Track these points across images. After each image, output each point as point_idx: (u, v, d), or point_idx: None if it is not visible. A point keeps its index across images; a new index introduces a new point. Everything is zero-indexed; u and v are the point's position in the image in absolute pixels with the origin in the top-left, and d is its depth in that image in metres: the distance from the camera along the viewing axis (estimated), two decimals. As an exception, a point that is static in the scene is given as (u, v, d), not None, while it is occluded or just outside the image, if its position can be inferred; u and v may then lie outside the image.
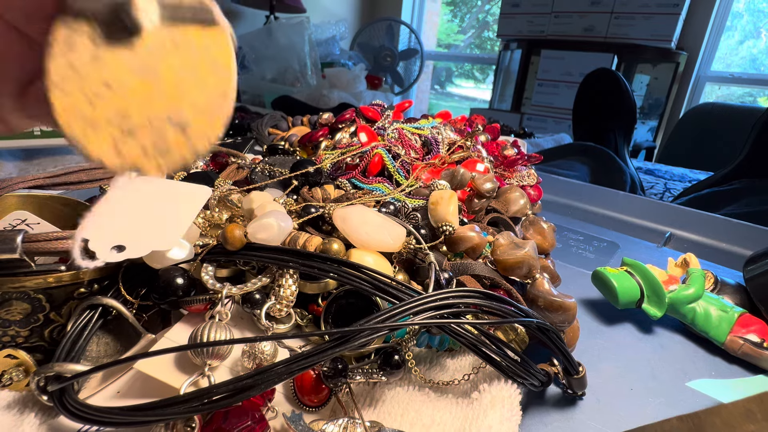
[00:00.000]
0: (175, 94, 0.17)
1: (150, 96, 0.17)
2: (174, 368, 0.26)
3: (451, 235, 0.36)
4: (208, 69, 0.18)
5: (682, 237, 0.70)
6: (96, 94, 0.16)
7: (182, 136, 0.17)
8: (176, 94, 0.17)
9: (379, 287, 0.27)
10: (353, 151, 0.48)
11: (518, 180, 0.57)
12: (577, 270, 0.54)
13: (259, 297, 0.30)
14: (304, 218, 0.35)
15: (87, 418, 0.23)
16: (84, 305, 0.28)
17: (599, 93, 1.44)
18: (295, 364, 0.23)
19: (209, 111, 0.18)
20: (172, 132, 0.17)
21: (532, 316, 0.29)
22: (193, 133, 0.17)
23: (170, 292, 0.29)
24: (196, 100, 0.18)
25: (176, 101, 0.17)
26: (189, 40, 0.18)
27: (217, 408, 0.23)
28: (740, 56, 2.27)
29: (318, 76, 1.92)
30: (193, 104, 0.18)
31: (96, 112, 0.16)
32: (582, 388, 0.33)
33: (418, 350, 0.34)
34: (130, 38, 0.17)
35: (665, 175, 1.44)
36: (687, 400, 0.35)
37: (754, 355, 0.38)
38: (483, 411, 0.28)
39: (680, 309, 0.41)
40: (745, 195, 0.95)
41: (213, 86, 0.18)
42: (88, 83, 0.16)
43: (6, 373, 0.27)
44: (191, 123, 0.17)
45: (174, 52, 0.17)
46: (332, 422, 0.26)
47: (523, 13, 2.30)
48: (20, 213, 0.32)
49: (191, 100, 0.18)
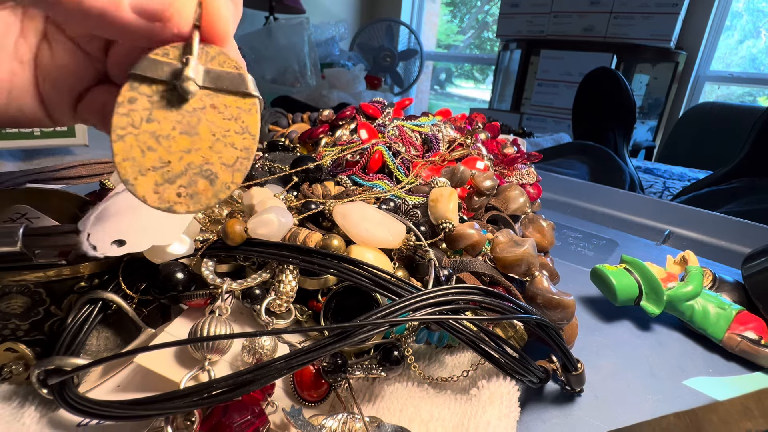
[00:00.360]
0: (209, 150, 0.21)
1: (188, 150, 0.20)
2: (174, 363, 0.26)
3: (451, 232, 0.36)
4: (238, 132, 0.21)
5: (681, 235, 0.70)
6: (148, 147, 0.20)
7: (209, 185, 0.20)
8: (209, 151, 0.21)
9: (378, 283, 0.27)
10: (353, 148, 0.48)
11: (518, 178, 0.57)
12: (576, 267, 0.55)
13: (259, 292, 0.30)
14: (305, 214, 0.35)
15: (87, 411, 0.23)
16: (84, 299, 0.28)
17: (599, 92, 1.44)
18: (294, 359, 0.23)
19: (233, 166, 0.21)
20: (202, 182, 0.20)
21: (532, 312, 0.30)
22: (218, 184, 0.21)
23: (170, 286, 0.29)
24: (224, 156, 0.21)
25: (208, 156, 0.21)
26: (225, 105, 0.21)
27: (217, 402, 0.23)
28: (740, 56, 2.27)
29: (317, 77, 1.92)
30: (221, 159, 0.21)
31: (145, 161, 0.20)
32: (580, 385, 0.33)
33: (417, 346, 0.34)
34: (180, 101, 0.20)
35: (664, 174, 1.44)
36: (684, 397, 0.35)
37: (751, 352, 0.38)
38: (481, 407, 0.28)
39: (678, 306, 0.41)
40: (745, 194, 0.96)
41: (240, 146, 0.21)
42: (142, 137, 0.20)
43: (6, 367, 0.27)
44: (219, 175, 0.21)
45: (212, 115, 0.21)
46: (331, 417, 0.26)
47: (523, 14, 2.30)
48: (20, 207, 0.32)
49: (220, 156, 0.21)
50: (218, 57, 0.21)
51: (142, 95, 0.20)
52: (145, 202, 0.20)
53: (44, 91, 0.24)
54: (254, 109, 0.22)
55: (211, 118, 0.21)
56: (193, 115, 0.21)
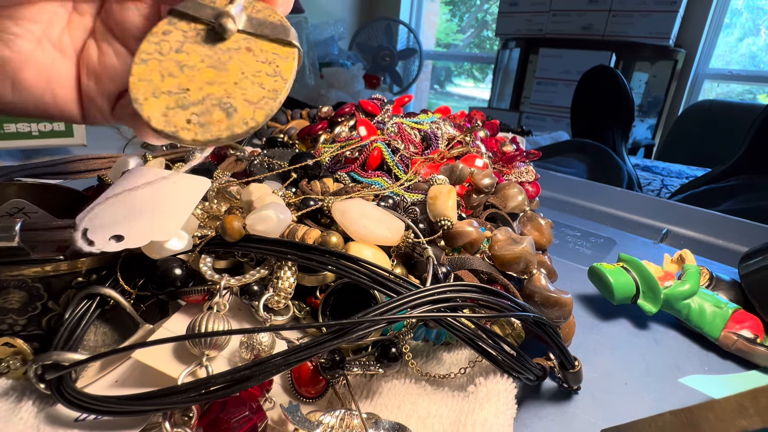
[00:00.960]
0: (234, 86, 0.20)
1: (212, 83, 0.20)
2: (172, 358, 0.26)
3: (450, 229, 0.36)
4: (269, 74, 0.21)
5: (679, 233, 0.70)
6: (170, 73, 0.19)
7: (225, 117, 0.20)
8: (234, 86, 0.20)
9: (377, 280, 0.27)
10: (352, 145, 0.48)
11: (517, 176, 0.57)
12: (574, 266, 0.55)
13: (258, 288, 0.30)
14: (303, 211, 0.35)
15: (84, 406, 0.23)
16: (82, 294, 0.28)
17: (597, 91, 1.44)
18: (292, 355, 0.23)
19: (257, 104, 0.20)
20: (218, 113, 0.19)
21: (529, 310, 0.30)
22: (235, 117, 0.20)
23: (168, 282, 0.29)
24: (249, 93, 0.20)
25: (231, 91, 0.20)
26: (262, 49, 0.21)
27: (215, 398, 0.23)
28: (740, 53, 2.27)
29: (316, 76, 1.92)
30: (245, 96, 0.20)
31: (162, 84, 0.19)
32: (577, 383, 0.33)
33: (415, 343, 0.34)
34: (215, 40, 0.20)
35: (663, 172, 1.44)
36: (681, 395, 0.35)
37: (747, 350, 0.38)
38: (479, 404, 0.28)
39: (675, 305, 0.41)
40: (743, 191, 0.96)
41: (268, 87, 0.20)
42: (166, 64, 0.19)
43: (3, 361, 0.27)
44: (238, 110, 0.20)
45: (245, 56, 0.21)
46: (329, 413, 0.26)
47: (522, 12, 2.29)
48: (18, 201, 0.32)
49: (244, 92, 0.20)
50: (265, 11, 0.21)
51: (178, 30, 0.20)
52: (148, 124, 0.19)
53: (86, 86, 0.25)
54: (291, 57, 0.21)
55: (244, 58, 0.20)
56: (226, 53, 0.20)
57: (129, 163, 0.38)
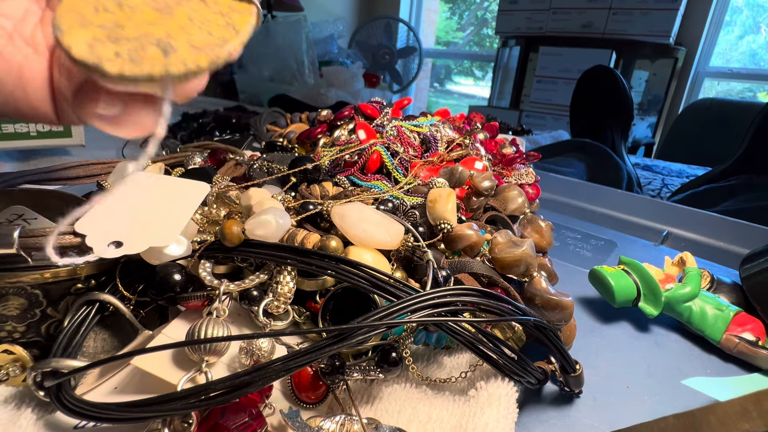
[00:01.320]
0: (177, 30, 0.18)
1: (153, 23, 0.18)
2: (171, 364, 0.26)
3: (449, 233, 0.36)
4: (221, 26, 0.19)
5: (679, 235, 0.70)
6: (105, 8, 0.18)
7: (162, 55, 0.18)
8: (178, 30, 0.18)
9: (377, 285, 0.27)
10: (352, 149, 0.48)
11: (516, 178, 0.57)
12: (575, 268, 0.54)
13: (257, 294, 0.30)
14: (303, 215, 0.35)
15: (84, 413, 0.23)
16: (81, 301, 0.28)
17: (596, 90, 1.44)
18: (292, 361, 0.23)
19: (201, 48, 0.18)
20: (153, 49, 0.18)
21: (530, 314, 0.30)
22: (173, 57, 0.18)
23: (168, 288, 0.28)
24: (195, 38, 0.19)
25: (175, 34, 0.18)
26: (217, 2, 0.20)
27: (215, 404, 0.23)
28: (740, 51, 2.27)
29: (315, 75, 1.92)
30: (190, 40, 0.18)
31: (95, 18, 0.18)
32: (579, 386, 0.33)
33: (415, 348, 0.34)
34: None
35: (663, 171, 1.44)
36: (683, 398, 0.35)
37: (749, 353, 0.38)
38: (480, 408, 0.28)
39: (676, 308, 0.41)
40: (742, 191, 0.96)
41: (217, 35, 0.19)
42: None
43: (2, 369, 0.27)
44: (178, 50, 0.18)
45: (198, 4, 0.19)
46: (329, 419, 0.26)
47: (522, 10, 2.29)
48: (17, 208, 0.32)
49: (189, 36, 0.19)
50: None
51: None
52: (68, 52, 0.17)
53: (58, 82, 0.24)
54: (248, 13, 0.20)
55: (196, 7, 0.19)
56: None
57: (128, 168, 0.38)
